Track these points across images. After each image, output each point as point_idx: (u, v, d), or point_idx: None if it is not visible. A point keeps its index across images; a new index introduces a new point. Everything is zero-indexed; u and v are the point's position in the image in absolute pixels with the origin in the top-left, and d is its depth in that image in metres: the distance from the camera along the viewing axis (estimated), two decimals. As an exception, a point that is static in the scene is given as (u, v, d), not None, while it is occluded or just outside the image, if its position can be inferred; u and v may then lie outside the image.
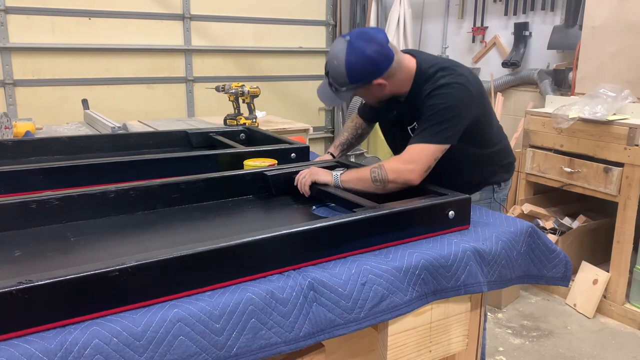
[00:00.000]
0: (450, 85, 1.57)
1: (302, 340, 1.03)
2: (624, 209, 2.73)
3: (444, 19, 4.51)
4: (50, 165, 1.61)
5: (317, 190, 1.57)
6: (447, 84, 1.57)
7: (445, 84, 1.57)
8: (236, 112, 2.98)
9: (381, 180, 1.50)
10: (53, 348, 0.83)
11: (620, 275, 2.82)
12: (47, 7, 3.80)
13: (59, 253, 1.17)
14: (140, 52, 4.20)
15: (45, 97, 3.89)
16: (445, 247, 1.25)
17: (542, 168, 3.11)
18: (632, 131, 2.64)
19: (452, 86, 1.57)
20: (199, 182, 1.52)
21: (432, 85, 1.59)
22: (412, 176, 1.49)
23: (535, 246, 1.42)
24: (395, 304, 1.15)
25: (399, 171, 1.50)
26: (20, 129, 2.47)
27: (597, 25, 3.02)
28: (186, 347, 0.91)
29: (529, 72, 3.78)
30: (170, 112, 4.31)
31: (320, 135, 5.30)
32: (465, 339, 1.35)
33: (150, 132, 2.54)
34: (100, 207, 1.38)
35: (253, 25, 4.66)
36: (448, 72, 1.61)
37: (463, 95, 1.58)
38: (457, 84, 1.57)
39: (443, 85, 1.57)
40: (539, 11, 3.80)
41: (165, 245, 1.10)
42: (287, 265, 1.10)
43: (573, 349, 2.60)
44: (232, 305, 0.97)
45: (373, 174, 1.51)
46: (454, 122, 1.55)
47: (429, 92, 1.58)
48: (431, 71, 1.62)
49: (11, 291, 0.82)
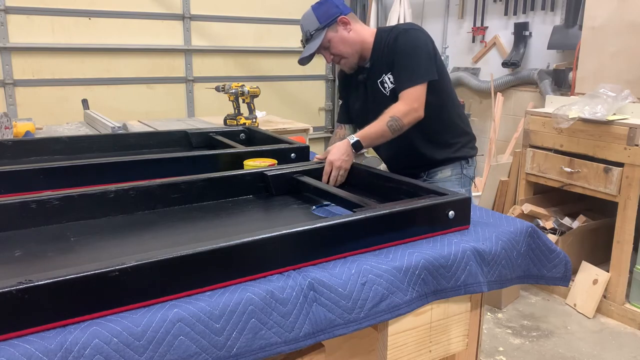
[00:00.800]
0: (411, 30, 1.88)
1: (302, 340, 1.03)
2: (624, 209, 2.73)
3: (444, 19, 4.51)
4: (50, 165, 1.60)
5: (313, 189, 1.58)
6: (407, 29, 1.89)
7: (405, 29, 1.89)
8: (236, 112, 2.98)
9: (399, 128, 1.78)
10: (53, 348, 0.82)
11: (620, 275, 2.82)
12: (47, 7, 3.80)
13: (59, 253, 1.17)
14: (141, 52, 4.20)
15: (45, 97, 3.90)
16: (445, 247, 1.25)
17: (542, 168, 3.11)
18: (632, 131, 2.64)
19: (412, 30, 1.88)
20: (199, 182, 1.52)
21: (393, 34, 1.88)
22: (420, 112, 1.80)
23: (535, 246, 1.41)
24: (395, 304, 1.15)
25: (409, 112, 1.78)
26: (20, 129, 2.47)
27: (597, 25, 3.02)
28: (186, 347, 0.91)
29: (529, 72, 3.78)
30: (170, 112, 4.31)
31: (320, 135, 5.30)
32: (465, 339, 1.35)
33: (150, 132, 2.54)
34: (100, 207, 1.38)
35: (253, 25, 4.66)
36: (403, 25, 1.96)
37: (424, 35, 1.89)
38: (414, 29, 1.90)
39: (405, 30, 1.88)
40: (539, 11, 3.80)
41: (165, 245, 1.11)
42: (287, 265, 1.10)
43: (573, 349, 2.60)
44: (232, 305, 0.97)
45: (391, 127, 1.77)
46: (427, 57, 1.84)
47: (393, 40, 1.87)
48: (388, 28, 1.95)
49: (11, 291, 0.82)
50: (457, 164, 2.02)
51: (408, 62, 1.84)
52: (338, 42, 1.92)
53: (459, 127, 2.03)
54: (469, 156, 2.05)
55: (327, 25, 1.89)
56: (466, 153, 2.04)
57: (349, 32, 1.92)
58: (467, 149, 2.05)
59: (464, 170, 2.04)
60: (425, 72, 1.83)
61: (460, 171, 2.03)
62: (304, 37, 1.95)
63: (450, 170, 2.02)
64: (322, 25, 1.89)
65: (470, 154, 2.05)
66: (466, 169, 2.04)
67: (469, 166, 2.05)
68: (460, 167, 2.03)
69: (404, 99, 1.80)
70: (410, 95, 1.80)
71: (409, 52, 1.84)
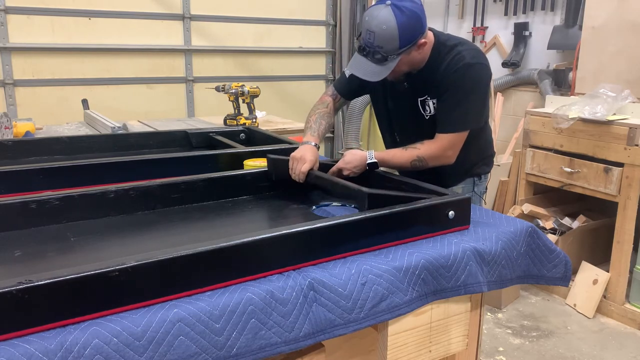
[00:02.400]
0: (477, 65, 1.64)
1: (302, 340, 1.03)
2: (624, 209, 2.73)
3: (444, 19, 4.51)
4: (50, 165, 1.61)
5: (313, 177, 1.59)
6: (473, 64, 1.63)
7: (471, 64, 1.63)
8: (236, 112, 2.98)
9: (421, 167, 1.68)
10: (53, 348, 0.83)
11: (620, 275, 2.82)
12: (47, 7, 3.80)
13: (59, 253, 1.17)
14: (140, 52, 4.20)
15: (45, 97, 3.89)
16: (445, 247, 1.25)
17: (542, 168, 3.11)
18: (632, 131, 2.64)
19: (479, 65, 1.65)
20: (199, 182, 1.52)
21: (454, 60, 1.63)
22: (451, 159, 1.70)
23: (535, 246, 1.41)
24: (395, 304, 1.15)
25: (438, 158, 1.68)
26: (20, 129, 2.47)
27: (597, 25, 3.02)
28: (186, 347, 0.91)
29: (529, 72, 3.78)
30: (170, 112, 4.31)
31: (320, 135, 5.29)
32: (465, 339, 1.35)
33: (150, 132, 2.54)
34: (100, 207, 1.38)
35: (253, 25, 4.66)
36: (466, 47, 1.67)
37: (485, 76, 1.69)
38: (479, 64, 1.65)
39: (470, 64, 1.63)
40: (539, 11, 3.80)
41: (165, 245, 1.11)
42: (287, 265, 1.10)
43: (573, 349, 2.60)
44: (232, 305, 0.97)
45: (414, 165, 1.68)
46: (479, 105, 1.70)
47: (454, 70, 1.63)
48: (449, 44, 1.68)
49: (11, 291, 0.82)
50: (470, 180, 1.93)
51: (461, 104, 1.64)
52: (404, 64, 1.62)
53: (482, 152, 1.93)
54: (483, 173, 1.95)
55: (407, 50, 1.57)
56: (481, 170, 1.94)
57: (419, 53, 1.63)
58: (482, 167, 1.95)
59: (475, 187, 1.94)
60: (473, 119, 1.69)
61: (472, 188, 1.93)
62: (370, 48, 1.56)
63: (462, 187, 1.92)
64: (402, 50, 1.55)
65: (485, 170, 1.96)
66: (477, 186, 1.95)
67: (480, 182, 1.96)
68: (473, 184, 1.93)
69: (440, 142, 1.66)
70: (448, 142, 1.66)
71: (467, 93, 1.64)
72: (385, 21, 1.51)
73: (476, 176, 1.93)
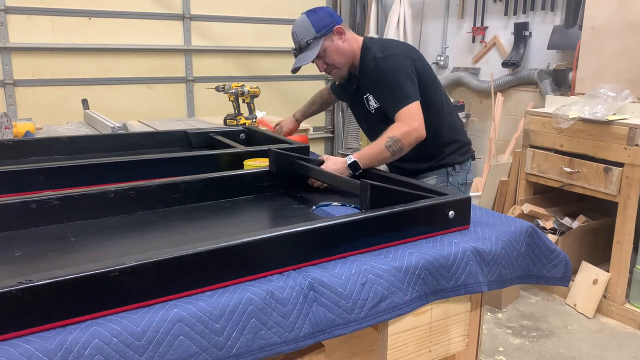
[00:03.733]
0: (384, 59, 1.86)
1: (302, 340, 1.03)
2: (624, 209, 2.73)
3: (444, 19, 4.51)
4: (50, 165, 1.60)
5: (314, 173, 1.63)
6: (382, 57, 1.87)
7: (381, 57, 1.87)
8: (236, 112, 2.98)
9: (399, 149, 1.73)
10: (53, 348, 0.82)
11: (620, 275, 2.82)
12: (47, 7, 3.80)
13: (59, 253, 1.17)
14: (140, 52, 4.20)
15: (45, 97, 3.90)
16: (445, 247, 1.25)
17: (542, 168, 3.11)
18: (632, 131, 2.64)
19: (385, 59, 1.86)
20: (199, 182, 1.52)
21: (368, 59, 1.89)
22: (421, 131, 1.75)
23: (535, 246, 1.41)
24: (395, 304, 1.15)
25: (408, 133, 1.73)
26: (20, 129, 2.47)
27: (597, 25, 3.02)
28: (186, 347, 0.91)
29: (529, 72, 3.78)
30: (170, 112, 4.31)
31: (320, 135, 5.29)
32: (465, 339, 1.35)
33: (150, 132, 2.54)
34: (100, 207, 1.38)
35: (253, 25, 4.66)
36: (378, 45, 1.93)
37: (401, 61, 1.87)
38: (390, 55, 1.88)
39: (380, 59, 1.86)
40: (539, 11, 3.80)
41: (165, 245, 1.11)
42: (287, 265, 1.10)
43: (573, 349, 2.60)
44: (232, 305, 0.97)
45: (389, 148, 1.72)
46: (409, 81, 1.81)
47: (371, 67, 1.87)
48: (369, 46, 1.94)
49: (11, 291, 0.82)
50: (443, 171, 2.00)
51: (392, 87, 1.82)
52: (333, 52, 1.92)
53: (445, 137, 2.00)
54: (456, 163, 2.02)
55: (324, 35, 1.89)
56: (452, 160, 2.01)
57: (343, 42, 1.92)
58: (454, 156, 2.01)
59: (450, 177, 2.01)
60: (412, 93, 1.81)
61: (446, 179, 2.01)
62: (296, 45, 1.94)
63: (435, 178, 2.00)
64: (319, 35, 1.89)
65: (457, 160, 2.02)
66: (453, 177, 2.01)
67: (456, 173, 2.02)
68: (446, 175, 2.01)
69: (399, 120, 1.77)
70: (405, 116, 1.76)
71: (390, 80, 1.83)
72: (300, 20, 1.92)
73: (450, 166, 2.01)
